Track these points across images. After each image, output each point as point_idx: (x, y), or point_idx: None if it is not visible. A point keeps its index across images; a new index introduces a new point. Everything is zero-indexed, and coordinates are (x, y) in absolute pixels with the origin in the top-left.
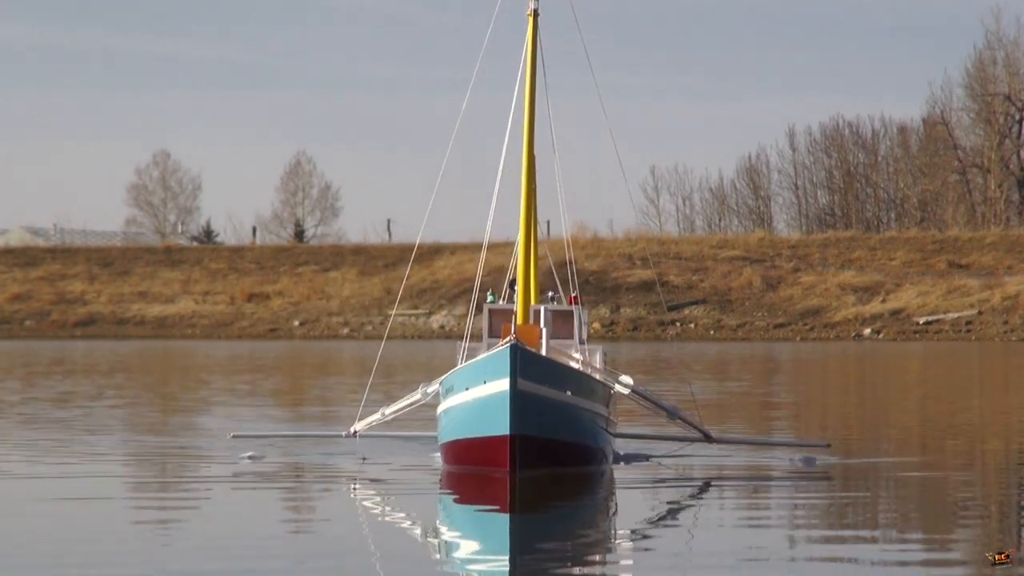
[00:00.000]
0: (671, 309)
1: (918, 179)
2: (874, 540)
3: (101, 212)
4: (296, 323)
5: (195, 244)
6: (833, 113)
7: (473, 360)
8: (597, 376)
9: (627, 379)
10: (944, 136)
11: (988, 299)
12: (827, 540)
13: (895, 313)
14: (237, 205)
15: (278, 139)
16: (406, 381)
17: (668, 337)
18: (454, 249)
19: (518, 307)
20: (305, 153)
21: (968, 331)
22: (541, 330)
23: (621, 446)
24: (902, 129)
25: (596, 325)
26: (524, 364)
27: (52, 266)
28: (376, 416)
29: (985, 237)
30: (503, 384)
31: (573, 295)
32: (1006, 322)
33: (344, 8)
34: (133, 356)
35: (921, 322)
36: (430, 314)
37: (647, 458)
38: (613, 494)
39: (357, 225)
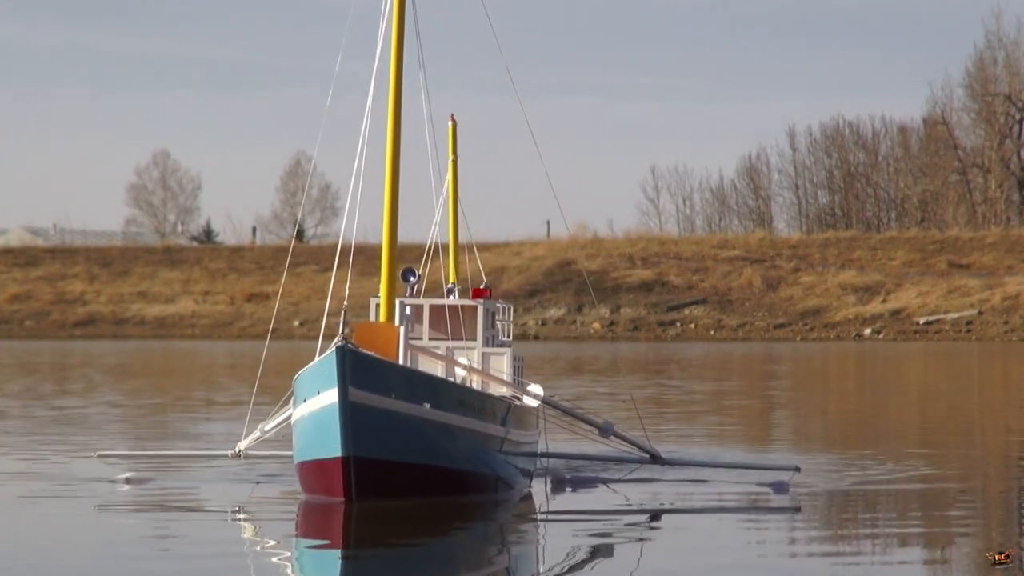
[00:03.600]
0: (671, 309)
1: (918, 179)
2: (875, 540)
3: (101, 212)
4: (296, 323)
5: (195, 244)
6: (833, 113)
7: (308, 365)
8: (496, 386)
9: (536, 389)
10: (944, 136)
11: (988, 299)
12: (823, 542)
13: (895, 313)
14: (237, 205)
15: (278, 139)
16: None
17: (668, 337)
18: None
19: (381, 302)
20: (305, 153)
21: (968, 331)
22: (399, 329)
23: (569, 469)
24: (902, 129)
25: (596, 325)
26: (357, 370)
27: (52, 266)
28: (256, 433)
29: (985, 237)
30: (333, 395)
31: (480, 287)
32: (1006, 322)
33: (342, 8)
34: (100, 356)
35: (921, 322)
36: None
37: (601, 483)
38: (499, 529)
39: (357, 225)
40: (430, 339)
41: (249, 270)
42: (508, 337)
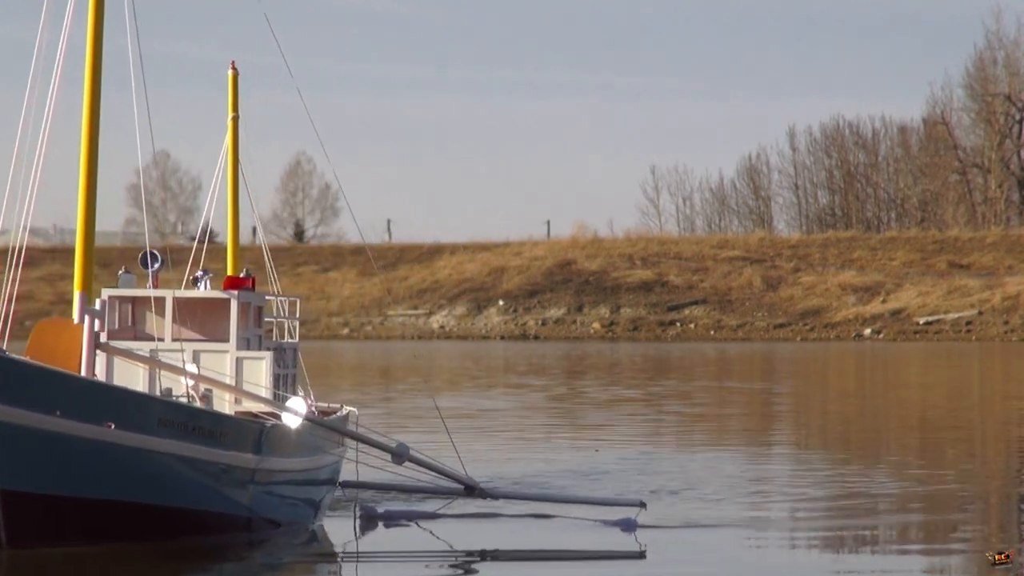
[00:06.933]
0: (671, 309)
1: (918, 179)
2: (875, 541)
3: (101, 212)
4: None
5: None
6: (833, 113)
7: None
8: (241, 401)
9: (297, 404)
10: (944, 136)
11: (988, 299)
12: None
13: (895, 313)
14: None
15: (278, 139)
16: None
17: (668, 337)
18: (454, 249)
19: (74, 292)
20: (305, 153)
21: (968, 331)
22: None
23: (389, 502)
24: (902, 129)
25: (596, 325)
26: (2, 380)
27: (52, 266)
28: None
29: (985, 237)
30: None
31: (241, 275)
32: (1006, 322)
33: (342, 8)
34: None
35: (921, 322)
36: (430, 314)
37: (418, 519)
38: None
39: (358, 224)
40: (175, 339)
41: (250, 270)
42: (294, 338)
